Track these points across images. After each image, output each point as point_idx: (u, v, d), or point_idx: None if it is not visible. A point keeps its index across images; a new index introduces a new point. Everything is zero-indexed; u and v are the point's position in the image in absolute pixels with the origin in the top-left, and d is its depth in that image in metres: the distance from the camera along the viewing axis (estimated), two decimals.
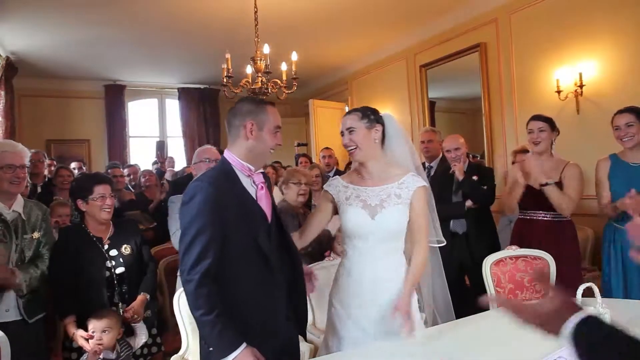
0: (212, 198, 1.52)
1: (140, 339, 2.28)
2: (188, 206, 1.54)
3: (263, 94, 4.42)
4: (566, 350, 1.53)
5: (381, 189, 1.88)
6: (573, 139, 3.93)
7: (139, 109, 8.25)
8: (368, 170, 1.92)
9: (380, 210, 1.85)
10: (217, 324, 1.46)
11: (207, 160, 2.73)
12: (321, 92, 8.21)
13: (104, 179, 2.43)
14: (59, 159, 6.56)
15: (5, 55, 5.75)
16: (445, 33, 5.51)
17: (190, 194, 1.55)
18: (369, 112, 1.93)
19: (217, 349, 1.48)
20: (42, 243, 2.31)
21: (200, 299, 1.47)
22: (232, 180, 1.62)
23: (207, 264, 1.48)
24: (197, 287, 1.47)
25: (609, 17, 3.88)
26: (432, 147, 3.75)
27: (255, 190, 1.67)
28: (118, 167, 5.25)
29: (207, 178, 1.59)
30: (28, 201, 2.35)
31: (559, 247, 2.68)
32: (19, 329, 2.09)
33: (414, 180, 1.88)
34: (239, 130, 1.65)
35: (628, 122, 2.63)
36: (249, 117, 1.64)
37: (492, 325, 1.92)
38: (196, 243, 1.49)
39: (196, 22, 5.15)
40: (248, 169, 1.66)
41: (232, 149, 1.67)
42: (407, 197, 1.86)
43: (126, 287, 2.33)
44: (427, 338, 1.82)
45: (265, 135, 1.66)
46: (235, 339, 1.48)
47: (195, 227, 1.51)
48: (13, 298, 2.15)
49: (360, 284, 1.85)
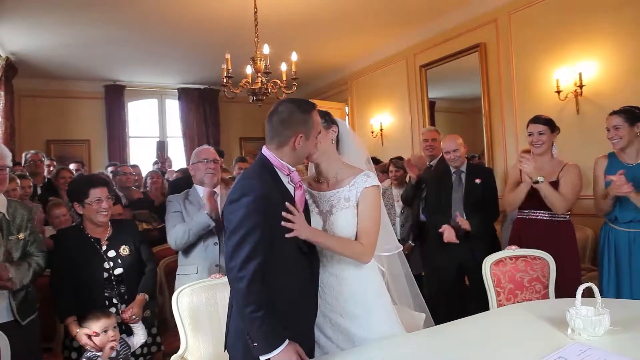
0: (263, 196, 1.54)
1: (139, 339, 2.28)
2: (238, 204, 1.55)
3: (263, 94, 4.42)
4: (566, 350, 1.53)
5: (332, 193, 1.82)
6: (573, 139, 3.93)
7: (138, 109, 8.24)
8: (323, 173, 1.87)
9: (329, 216, 1.80)
10: (265, 321, 1.50)
11: (205, 161, 2.72)
12: (321, 92, 8.21)
13: (100, 182, 2.38)
14: (59, 159, 6.57)
15: (5, 56, 5.75)
16: (445, 33, 5.51)
17: (240, 192, 1.57)
18: (324, 113, 1.86)
19: (263, 344, 1.52)
20: (30, 242, 2.28)
21: (252, 295, 1.50)
22: (274, 179, 1.65)
23: (258, 262, 1.51)
24: (248, 284, 1.50)
25: (609, 17, 3.88)
26: (436, 145, 3.90)
27: (293, 189, 1.70)
28: (126, 165, 5.21)
29: (256, 175, 1.62)
30: (12, 201, 2.31)
31: (558, 247, 2.67)
32: (12, 330, 2.06)
33: (363, 180, 1.78)
34: (288, 140, 1.65)
35: (616, 124, 2.64)
36: (300, 129, 1.65)
37: (492, 325, 1.92)
38: (247, 242, 1.51)
39: (196, 22, 5.14)
40: (287, 169, 1.68)
41: (276, 152, 1.67)
42: (355, 199, 1.78)
43: (125, 288, 2.33)
44: (427, 338, 1.82)
45: (310, 142, 1.70)
46: (280, 336, 1.52)
47: (246, 226, 1.52)
48: (5, 299, 2.13)
49: (322, 291, 1.81)
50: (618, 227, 2.68)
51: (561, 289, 2.43)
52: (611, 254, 2.69)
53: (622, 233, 2.66)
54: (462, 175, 3.32)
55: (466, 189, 3.26)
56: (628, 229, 2.63)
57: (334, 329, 1.81)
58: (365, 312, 1.80)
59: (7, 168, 2.26)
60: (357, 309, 1.80)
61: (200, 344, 2.14)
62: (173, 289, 2.50)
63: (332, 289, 1.81)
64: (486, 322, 1.96)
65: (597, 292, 1.73)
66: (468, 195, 3.24)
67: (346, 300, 1.80)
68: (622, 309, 1.90)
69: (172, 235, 2.59)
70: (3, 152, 2.26)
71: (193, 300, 2.15)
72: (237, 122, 8.48)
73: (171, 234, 2.59)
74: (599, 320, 1.65)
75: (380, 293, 1.88)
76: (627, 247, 2.62)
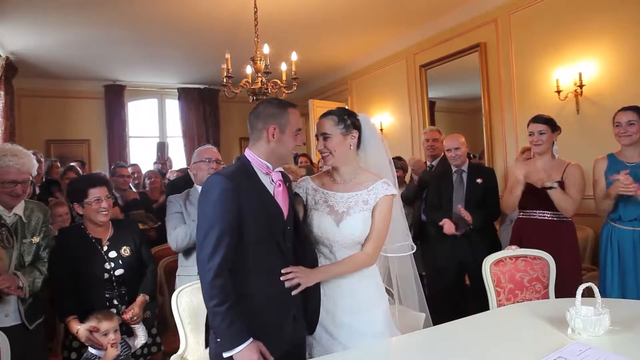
0: (229, 190, 1.54)
1: (139, 340, 2.27)
2: (205, 199, 1.57)
3: (263, 94, 4.42)
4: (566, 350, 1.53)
5: (350, 195, 1.85)
6: (573, 139, 3.93)
7: (139, 109, 8.25)
8: (340, 174, 1.91)
9: (345, 217, 1.82)
10: (227, 316, 1.49)
11: (207, 160, 2.71)
12: (321, 92, 8.21)
13: (99, 182, 2.36)
14: (59, 159, 6.56)
15: (5, 55, 5.75)
16: (445, 33, 5.51)
17: (208, 186, 1.58)
18: (346, 116, 1.88)
19: (225, 341, 1.51)
20: (43, 247, 2.27)
21: (215, 289, 1.50)
22: (250, 176, 1.65)
23: (221, 256, 1.51)
24: (213, 277, 1.50)
25: (608, 17, 3.88)
26: (437, 145, 3.93)
27: (273, 188, 1.70)
28: (124, 167, 5.21)
29: (225, 172, 1.64)
30: (29, 202, 2.29)
31: (558, 247, 2.68)
32: (19, 334, 2.06)
33: (383, 187, 1.84)
34: (261, 133, 1.67)
35: (630, 120, 2.64)
36: (271, 121, 1.66)
37: (492, 325, 1.92)
38: (211, 234, 1.52)
39: (196, 22, 5.14)
40: (266, 167, 1.68)
41: (254, 149, 1.70)
42: (373, 203, 1.83)
43: (125, 289, 2.32)
44: (427, 338, 1.82)
45: (287, 138, 1.68)
46: (243, 333, 1.51)
47: (210, 219, 1.53)
48: (13, 303, 2.12)
49: (328, 290, 1.83)
50: (622, 225, 2.67)
51: (561, 289, 2.43)
52: (614, 254, 2.68)
53: (626, 232, 2.65)
54: (463, 174, 3.32)
55: (467, 189, 3.27)
56: (632, 227, 2.63)
57: (336, 324, 1.81)
58: (368, 308, 1.83)
59: (30, 177, 2.22)
60: (359, 305, 1.82)
61: (200, 344, 2.13)
62: (173, 289, 2.50)
63: (335, 286, 1.83)
64: (486, 322, 1.96)
65: (597, 292, 1.73)
66: (469, 194, 3.25)
67: (350, 296, 1.82)
68: (622, 309, 1.90)
69: (172, 238, 2.57)
70: (30, 165, 2.19)
71: (193, 300, 2.15)
72: (237, 122, 8.48)
73: (172, 236, 2.58)
74: (599, 320, 1.65)
75: (381, 291, 1.92)
76: (632, 246, 2.61)
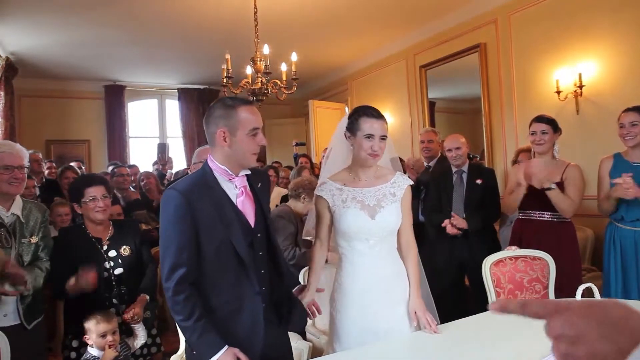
0: (182, 206, 1.50)
1: (139, 340, 2.27)
2: (162, 215, 1.56)
3: (263, 94, 4.43)
4: None
5: (376, 189, 1.91)
6: (573, 139, 3.93)
7: (139, 110, 8.25)
8: (368, 171, 1.93)
9: (379, 210, 1.86)
10: (196, 329, 1.48)
11: None
12: (321, 93, 8.21)
13: (95, 181, 2.38)
14: (59, 159, 6.57)
15: (5, 56, 5.75)
16: (445, 33, 5.51)
17: (163, 202, 1.57)
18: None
19: (200, 352, 1.50)
20: (41, 247, 2.26)
21: (177, 305, 1.49)
22: (209, 186, 1.58)
23: (182, 271, 1.49)
24: (173, 294, 1.49)
25: (608, 17, 3.89)
26: (432, 147, 3.90)
27: (236, 196, 1.62)
28: (122, 166, 5.21)
29: (179, 185, 1.57)
30: (27, 202, 2.30)
31: (558, 248, 2.67)
32: (18, 334, 2.05)
33: (404, 179, 1.96)
34: (214, 137, 1.58)
35: (633, 121, 2.63)
36: (220, 124, 1.56)
37: (492, 325, 1.92)
38: (169, 251, 1.51)
39: (196, 23, 5.15)
40: (227, 173, 1.60)
41: (213, 154, 1.62)
42: (400, 195, 1.91)
43: (125, 288, 2.32)
44: (427, 338, 1.82)
45: (240, 140, 1.56)
46: (216, 342, 1.48)
47: (166, 235, 1.53)
48: (12, 303, 2.11)
49: (366, 284, 1.85)
50: (624, 226, 2.68)
51: (561, 289, 2.43)
52: (617, 254, 2.68)
53: (628, 232, 2.65)
54: (463, 175, 3.32)
55: (467, 189, 3.27)
56: (634, 228, 2.63)
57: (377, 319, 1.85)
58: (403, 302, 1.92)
59: (25, 168, 2.22)
60: (398, 299, 1.91)
61: None
62: None
63: (373, 282, 1.87)
64: (486, 322, 1.96)
65: (597, 292, 1.73)
66: (469, 195, 3.24)
67: (387, 291, 1.89)
68: None
69: None
70: (22, 152, 2.22)
71: None
72: None
73: None
74: None
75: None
76: (634, 246, 2.62)
